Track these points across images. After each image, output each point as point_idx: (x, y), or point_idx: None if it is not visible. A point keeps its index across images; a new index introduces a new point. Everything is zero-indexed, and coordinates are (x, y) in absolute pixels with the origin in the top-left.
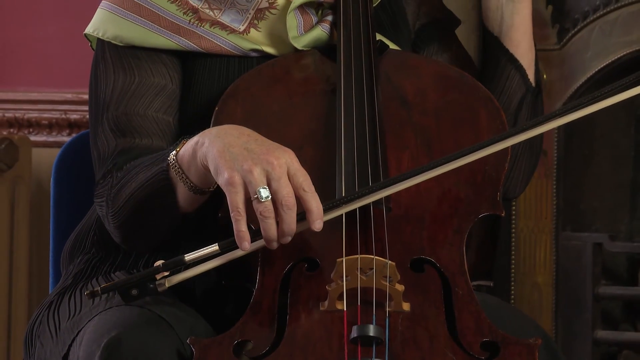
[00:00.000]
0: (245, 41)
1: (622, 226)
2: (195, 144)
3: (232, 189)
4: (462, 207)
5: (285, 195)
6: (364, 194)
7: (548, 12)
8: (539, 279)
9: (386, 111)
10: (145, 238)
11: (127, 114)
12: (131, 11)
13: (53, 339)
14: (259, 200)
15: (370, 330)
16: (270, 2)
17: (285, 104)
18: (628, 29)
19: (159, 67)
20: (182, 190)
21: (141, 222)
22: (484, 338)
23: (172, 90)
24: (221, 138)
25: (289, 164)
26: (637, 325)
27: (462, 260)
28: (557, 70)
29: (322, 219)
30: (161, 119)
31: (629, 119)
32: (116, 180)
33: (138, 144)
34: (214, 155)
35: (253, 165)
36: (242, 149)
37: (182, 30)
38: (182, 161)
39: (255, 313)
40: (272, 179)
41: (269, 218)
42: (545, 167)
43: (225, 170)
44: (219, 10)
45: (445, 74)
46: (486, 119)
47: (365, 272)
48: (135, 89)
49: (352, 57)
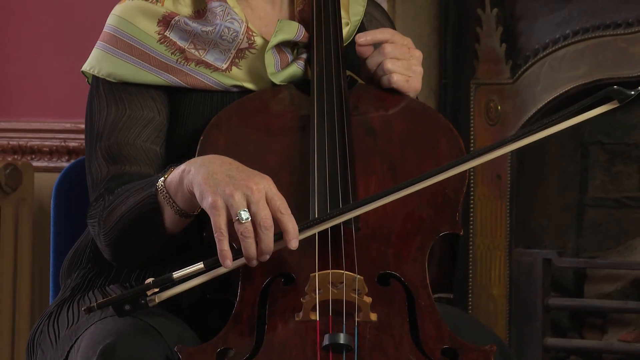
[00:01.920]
0: (227, 78)
1: (569, 243)
2: (182, 171)
3: (215, 212)
4: (425, 227)
5: (263, 217)
6: (334, 215)
7: (502, 49)
8: (494, 291)
9: (355, 140)
10: (133, 255)
11: (118, 143)
12: (124, 51)
13: (53, 347)
14: (240, 221)
15: (340, 339)
16: (250, 43)
17: (263, 133)
18: (574, 65)
19: (148, 101)
20: (169, 213)
21: (130, 241)
22: (444, 345)
23: (159, 122)
24: (206, 166)
25: (267, 189)
26: (583, 333)
27: (424, 274)
28: (511, 102)
29: (297, 238)
30: (149, 148)
31: (575, 145)
32: (108, 203)
33: (128, 171)
34: (199, 182)
35: (234, 190)
36: (225, 175)
37: (169, 68)
38: (169, 187)
39: (236, 323)
40: (251, 203)
41: (249, 238)
42: (500, 190)
43: (209, 195)
44: (204, 50)
45: (408, 105)
46: (446, 147)
47: (336, 285)
48: (126, 120)
49: (325, 91)
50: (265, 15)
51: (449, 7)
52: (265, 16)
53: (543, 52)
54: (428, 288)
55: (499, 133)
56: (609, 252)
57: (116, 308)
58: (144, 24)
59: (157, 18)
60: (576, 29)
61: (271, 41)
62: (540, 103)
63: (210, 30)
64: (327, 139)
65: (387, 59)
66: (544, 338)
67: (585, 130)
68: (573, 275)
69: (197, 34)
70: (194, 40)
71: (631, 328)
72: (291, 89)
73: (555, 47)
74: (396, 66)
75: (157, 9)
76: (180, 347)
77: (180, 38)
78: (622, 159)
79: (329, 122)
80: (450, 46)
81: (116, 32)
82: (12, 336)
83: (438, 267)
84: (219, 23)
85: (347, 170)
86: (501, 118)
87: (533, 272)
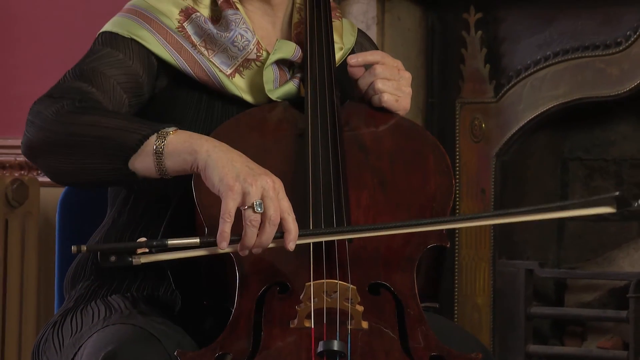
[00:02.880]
0: (230, 84)
1: (550, 255)
2: (194, 143)
3: (231, 195)
4: (413, 239)
5: (273, 212)
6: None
7: (486, 70)
8: (479, 301)
9: (347, 155)
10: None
11: (94, 69)
12: (144, 21)
13: (58, 354)
14: (254, 210)
15: (334, 345)
16: (258, 55)
17: (260, 148)
18: (555, 85)
19: (143, 60)
20: (147, 159)
21: (77, 149)
22: (432, 352)
23: (141, 81)
24: (225, 152)
25: (280, 189)
26: (563, 341)
27: (413, 284)
28: (494, 120)
29: (296, 241)
30: (118, 91)
31: (556, 161)
32: (85, 103)
33: (94, 93)
34: (220, 165)
35: (254, 181)
36: (244, 165)
37: (183, 51)
38: (170, 143)
39: (233, 330)
40: (266, 197)
41: (255, 227)
42: (484, 204)
43: (230, 179)
44: (213, 51)
45: (397, 123)
46: (433, 163)
47: (330, 294)
48: (113, 60)
49: (319, 108)
50: (266, 35)
51: (435, 30)
52: (267, 35)
53: (525, 73)
54: (417, 297)
55: (482, 150)
56: (588, 263)
57: (102, 256)
58: (167, 7)
59: (180, 7)
60: (556, 51)
61: (270, 58)
62: (522, 121)
63: (225, 34)
64: (321, 155)
65: (378, 79)
66: (527, 345)
67: (565, 147)
68: (554, 285)
69: (210, 34)
70: (207, 39)
71: (609, 335)
72: (286, 106)
73: (536, 67)
74: (386, 86)
75: (180, 1)
76: (180, 352)
77: (195, 34)
78: (600, 175)
79: (322, 138)
80: (436, 67)
81: (139, 8)
82: (19, 344)
83: (425, 277)
84: (233, 29)
85: (339, 185)
86: (485, 135)
87: (516, 283)
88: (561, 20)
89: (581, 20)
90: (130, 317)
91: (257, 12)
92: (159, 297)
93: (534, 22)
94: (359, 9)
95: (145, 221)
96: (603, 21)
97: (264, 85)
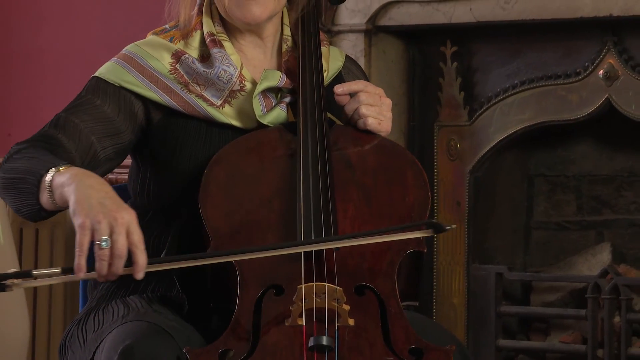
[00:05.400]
0: (220, 114)
1: (518, 260)
2: (67, 178)
3: (82, 232)
4: (394, 245)
5: (119, 247)
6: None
7: (461, 96)
8: (455, 301)
9: (335, 172)
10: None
11: (66, 118)
12: (136, 69)
13: (81, 348)
14: (100, 246)
15: (323, 340)
16: (241, 86)
17: (257, 168)
18: (522, 110)
19: (123, 105)
20: (45, 195)
21: (11, 188)
22: (411, 345)
23: (116, 123)
24: (85, 188)
25: (129, 223)
26: (529, 336)
27: (394, 286)
28: (468, 141)
29: (143, 271)
30: (85, 134)
31: (522, 177)
32: (26, 150)
33: (59, 139)
34: (75, 200)
35: (102, 218)
36: (98, 202)
37: (172, 93)
38: (54, 180)
39: (235, 328)
40: (113, 232)
41: (104, 261)
42: (459, 215)
43: (80, 216)
44: (204, 86)
45: (380, 143)
46: (412, 178)
47: (319, 295)
48: (88, 107)
49: (309, 130)
50: (258, 64)
51: (416, 62)
52: (259, 64)
53: (495, 99)
54: (397, 297)
55: (458, 167)
56: (551, 268)
57: None
58: (159, 53)
59: (171, 52)
60: (523, 80)
61: (257, 88)
62: (493, 142)
63: (210, 71)
64: (311, 172)
65: (362, 105)
66: (497, 340)
67: (530, 165)
68: (521, 287)
69: (199, 72)
70: (197, 77)
71: (570, 331)
72: (280, 129)
73: (505, 94)
74: (370, 111)
75: (172, 46)
76: (187, 348)
77: (187, 73)
78: (561, 189)
79: (313, 157)
80: (417, 94)
81: (133, 55)
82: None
83: (406, 279)
84: (217, 66)
85: (328, 198)
86: (460, 154)
87: (487, 284)
88: (527, 53)
89: (545, 53)
90: (145, 314)
91: (249, 45)
92: (171, 297)
93: (503, 54)
94: (348, 43)
95: (157, 231)
96: (564, 54)
97: (251, 112)
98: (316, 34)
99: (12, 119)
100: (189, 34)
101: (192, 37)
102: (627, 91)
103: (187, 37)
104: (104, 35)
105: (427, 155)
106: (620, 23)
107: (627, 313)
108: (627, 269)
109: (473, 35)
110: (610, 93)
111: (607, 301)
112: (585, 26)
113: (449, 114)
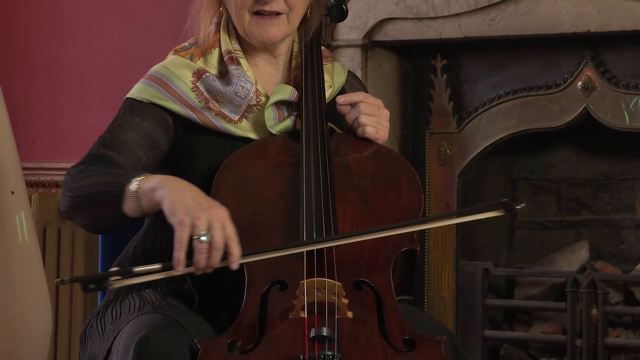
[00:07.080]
0: (237, 129)
1: (502, 256)
2: (156, 184)
3: (182, 228)
4: (390, 244)
5: (217, 240)
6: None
7: (450, 106)
8: (445, 294)
9: (335, 176)
10: (85, 216)
11: (112, 137)
12: (161, 87)
13: (100, 337)
14: (200, 240)
15: (324, 332)
16: (257, 101)
17: (264, 172)
18: (506, 118)
19: (158, 119)
20: (129, 204)
21: (87, 205)
22: (405, 336)
23: (156, 136)
24: (178, 189)
25: (224, 218)
26: (513, 327)
27: (389, 281)
28: (457, 147)
29: (239, 261)
30: (134, 149)
31: (507, 181)
32: (88, 168)
33: (112, 156)
34: (171, 200)
35: (201, 214)
36: (193, 201)
37: (193, 109)
38: (141, 187)
39: (242, 320)
40: (211, 227)
41: (203, 254)
42: None
43: (179, 214)
44: (222, 103)
45: (377, 150)
46: (406, 181)
47: (320, 290)
48: (130, 125)
49: (312, 138)
50: (270, 78)
51: (409, 74)
52: (271, 79)
53: (482, 109)
54: (392, 292)
55: (447, 171)
56: (533, 264)
57: (83, 285)
58: (182, 72)
59: (192, 70)
60: (507, 91)
61: (270, 100)
62: (479, 148)
63: (229, 88)
64: (313, 176)
65: (362, 115)
66: (483, 331)
67: (514, 169)
68: (506, 281)
69: (218, 90)
70: (216, 94)
71: (551, 322)
72: (285, 137)
73: (491, 104)
74: (368, 120)
75: (193, 64)
76: (199, 339)
77: (206, 90)
78: (543, 192)
79: (314, 163)
80: (410, 104)
81: (158, 74)
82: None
83: (400, 275)
84: (235, 82)
85: (328, 201)
86: (449, 159)
87: (474, 279)
88: (511, 66)
89: (528, 66)
90: (160, 307)
91: (263, 61)
92: (182, 291)
93: (489, 67)
94: (346, 57)
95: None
96: (545, 67)
97: (265, 124)
98: (318, 48)
99: (36, 126)
100: (208, 51)
101: (211, 54)
102: (603, 101)
103: (206, 54)
104: (122, 50)
105: (419, 160)
106: (597, 38)
107: (603, 306)
108: (604, 265)
109: (461, 50)
110: (588, 103)
111: (585, 295)
112: (565, 41)
113: (439, 122)
